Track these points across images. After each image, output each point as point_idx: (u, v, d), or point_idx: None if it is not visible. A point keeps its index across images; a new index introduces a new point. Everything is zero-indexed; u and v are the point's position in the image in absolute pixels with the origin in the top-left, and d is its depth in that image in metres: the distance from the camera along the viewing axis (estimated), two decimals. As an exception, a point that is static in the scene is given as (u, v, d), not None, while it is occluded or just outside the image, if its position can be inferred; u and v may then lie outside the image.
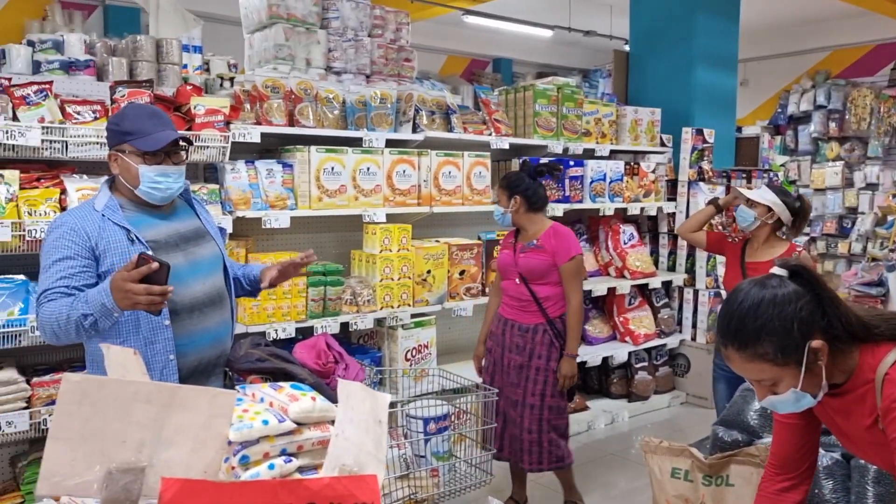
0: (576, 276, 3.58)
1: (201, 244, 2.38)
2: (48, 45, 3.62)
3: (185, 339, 2.29)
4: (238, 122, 3.69)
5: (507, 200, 3.64)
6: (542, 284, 3.60)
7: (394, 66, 4.73)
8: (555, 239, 3.57)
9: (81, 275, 2.17)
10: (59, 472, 1.23)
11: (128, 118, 2.29)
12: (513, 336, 3.65)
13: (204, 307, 2.34)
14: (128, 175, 2.28)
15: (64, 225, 2.23)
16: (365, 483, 1.01)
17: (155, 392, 1.29)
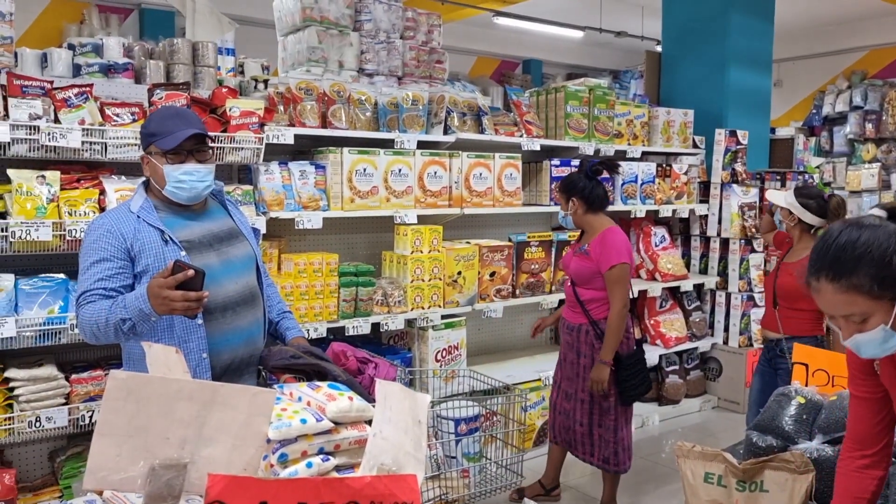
0: (617, 283, 3.54)
1: (234, 244, 2.40)
2: (88, 48, 3.70)
3: (219, 338, 2.32)
4: (272, 123, 3.73)
5: (565, 203, 3.67)
6: (587, 289, 3.63)
7: (425, 68, 4.75)
8: (601, 246, 3.55)
9: (118, 276, 2.22)
10: (104, 467, 1.26)
11: (153, 120, 2.33)
12: (564, 333, 3.75)
13: (237, 306, 2.37)
14: (156, 176, 2.31)
15: (101, 227, 2.28)
16: (405, 483, 1.02)
17: (197, 390, 1.32)
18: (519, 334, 5.23)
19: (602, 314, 3.59)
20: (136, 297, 2.07)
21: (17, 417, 3.02)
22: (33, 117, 3.06)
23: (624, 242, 3.58)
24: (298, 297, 3.65)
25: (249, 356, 2.45)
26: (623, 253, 3.54)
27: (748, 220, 5.64)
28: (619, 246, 3.54)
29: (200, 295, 2.01)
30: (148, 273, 2.23)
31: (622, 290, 3.55)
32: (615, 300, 3.53)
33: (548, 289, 4.76)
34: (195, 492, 1.33)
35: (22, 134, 3.01)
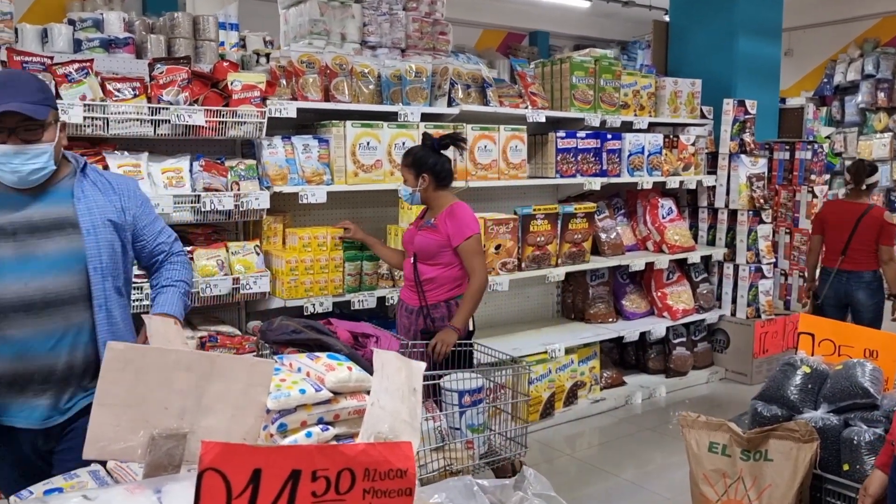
0: (476, 254, 3.41)
1: (53, 237, 2.01)
2: (88, 23, 3.68)
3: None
4: (274, 97, 3.71)
5: (414, 179, 3.44)
6: (430, 265, 3.44)
7: (429, 40, 4.70)
8: (449, 219, 3.39)
9: None
10: (104, 437, 1.27)
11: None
12: (402, 316, 3.56)
13: (15, 311, 1.95)
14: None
15: None
16: (399, 450, 1.02)
17: (195, 361, 1.32)
18: (525, 307, 5.23)
19: (435, 298, 3.43)
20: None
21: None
22: (34, 93, 3.04)
23: (473, 215, 3.49)
24: (303, 272, 3.66)
25: (31, 374, 1.98)
26: (474, 224, 3.46)
27: (756, 190, 5.58)
28: (468, 219, 3.44)
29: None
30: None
31: (482, 260, 3.47)
32: (477, 270, 3.41)
33: (554, 262, 4.74)
34: (195, 461, 1.34)
35: (23, 110, 2.99)
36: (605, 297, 5.33)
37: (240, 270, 3.52)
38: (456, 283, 3.46)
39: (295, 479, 0.97)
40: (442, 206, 3.44)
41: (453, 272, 3.45)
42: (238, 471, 0.94)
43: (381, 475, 1.02)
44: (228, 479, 0.94)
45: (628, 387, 5.22)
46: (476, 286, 3.40)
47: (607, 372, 5.18)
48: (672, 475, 3.95)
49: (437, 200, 3.47)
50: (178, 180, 3.40)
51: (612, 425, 4.76)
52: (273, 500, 0.96)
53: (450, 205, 3.44)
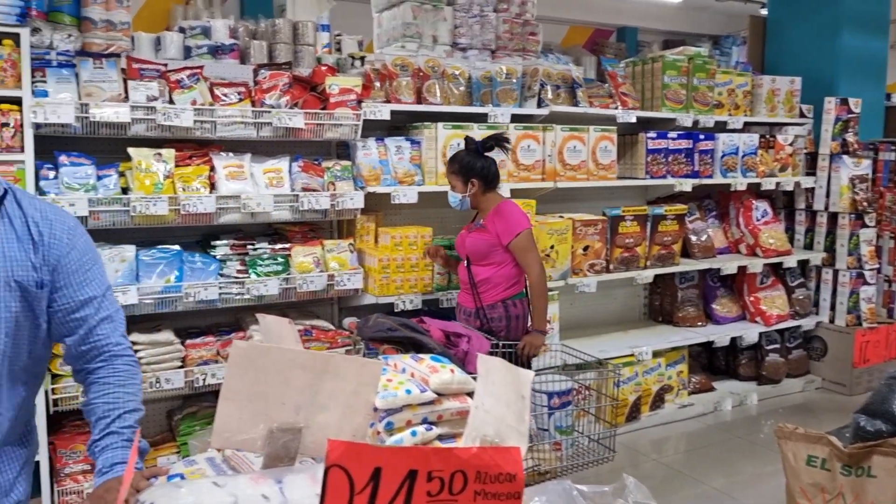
0: (529, 249, 3.42)
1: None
2: (197, 31, 3.88)
3: None
4: (369, 100, 3.82)
5: (463, 185, 3.43)
6: (484, 265, 3.45)
7: (519, 41, 4.72)
8: (497, 218, 3.41)
9: None
10: (228, 429, 1.36)
11: None
12: (462, 319, 3.56)
13: None
14: None
15: None
16: (509, 455, 1.06)
17: (310, 360, 1.40)
18: (612, 309, 5.18)
19: (491, 298, 3.44)
20: None
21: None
22: (150, 98, 3.25)
23: (521, 211, 3.48)
24: (394, 270, 3.75)
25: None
26: (523, 220, 3.44)
27: (859, 192, 5.35)
28: (517, 215, 3.43)
29: None
30: None
31: (535, 254, 3.46)
32: (532, 265, 3.41)
33: (642, 264, 4.69)
34: (309, 454, 1.43)
35: (140, 114, 3.20)
36: (694, 300, 5.22)
37: (334, 267, 3.64)
38: (510, 281, 3.48)
39: (412, 478, 1.03)
40: (490, 207, 3.46)
41: (506, 271, 3.46)
42: (360, 468, 1.00)
43: (492, 478, 1.07)
44: (352, 476, 1.00)
45: (717, 393, 5.10)
46: (535, 282, 3.43)
47: (695, 377, 5.08)
48: (764, 486, 3.85)
49: (485, 203, 3.48)
50: (278, 180, 3.55)
51: (700, 431, 4.67)
52: (391, 497, 1.02)
53: (496, 204, 3.46)
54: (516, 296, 3.48)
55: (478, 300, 3.46)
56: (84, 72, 3.19)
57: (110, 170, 3.26)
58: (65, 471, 3.17)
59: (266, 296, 3.46)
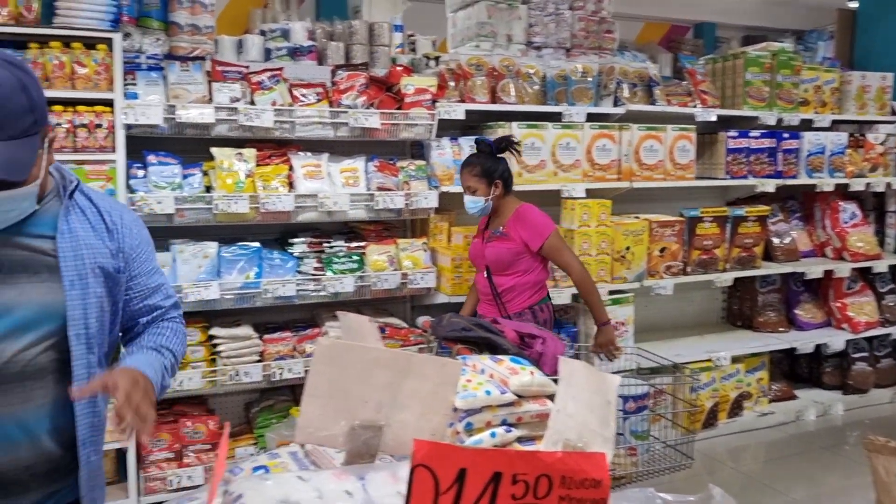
0: (563, 249, 3.32)
1: (20, 284, 1.46)
2: (277, 33, 3.96)
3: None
4: (443, 100, 3.83)
5: (486, 188, 3.24)
6: (507, 275, 3.29)
7: (594, 39, 4.65)
8: (520, 224, 3.26)
9: None
10: (311, 424, 1.38)
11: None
12: None
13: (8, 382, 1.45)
14: None
15: None
16: (595, 460, 1.05)
17: (392, 359, 1.41)
18: (689, 313, 5.06)
19: (518, 307, 3.28)
20: None
21: (220, 371, 3.37)
22: (233, 100, 3.35)
23: (542, 213, 3.34)
24: (467, 269, 3.75)
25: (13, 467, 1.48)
26: (548, 221, 3.31)
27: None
28: (540, 218, 3.30)
29: None
30: None
31: (571, 252, 3.37)
32: (572, 264, 3.30)
33: (721, 266, 4.55)
34: (389, 452, 1.44)
35: (223, 115, 3.30)
36: (775, 304, 5.04)
37: (408, 266, 3.67)
38: (536, 287, 3.36)
39: (497, 480, 1.02)
40: (508, 212, 3.31)
41: (532, 277, 3.33)
42: (446, 469, 1.00)
43: (577, 483, 1.05)
44: (437, 476, 1.00)
45: (800, 401, 4.91)
46: (580, 279, 3.32)
47: (776, 384, 4.90)
48: (849, 500, 3.69)
49: (504, 207, 3.33)
50: (354, 180, 3.60)
51: (780, 441, 4.51)
52: (476, 498, 1.02)
53: (515, 210, 3.32)
54: (542, 301, 3.38)
55: (503, 310, 3.29)
56: (171, 74, 3.31)
57: (195, 169, 3.37)
58: (150, 458, 3.30)
59: (341, 293, 3.52)
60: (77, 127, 3.09)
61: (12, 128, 1.35)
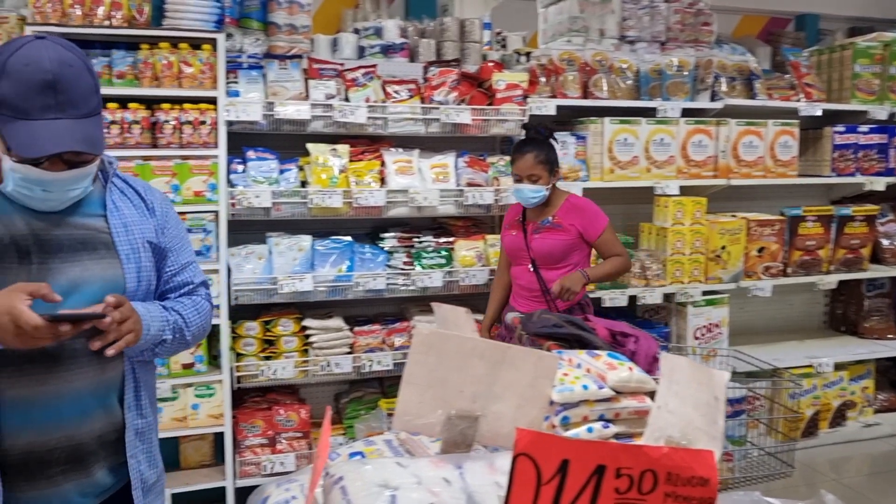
0: (616, 241, 3.21)
1: (83, 261, 1.53)
2: (370, 31, 4.03)
3: (16, 405, 1.49)
4: (534, 95, 3.80)
5: (549, 176, 3.10)
6: (557, 268, 3.14)
7: (691, 32, 4.51)
8: (577, 214, 3.14)
9: None
10: (409, 413, 1.40)
11: (8, 76, 1.41)
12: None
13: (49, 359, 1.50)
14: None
15: None
16: (702, 457, 1.01)
17: (489, 350, 1.41)
18: (788, 316, 4.84)
19: (565, 304, 3.08)
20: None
21: (312, 361, 3.45)
22: (328, 97, 3.43)
23: (594, 203, 3.25)
24: (556, 267, 3.71)
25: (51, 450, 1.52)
26: (602, 212, 3.21)
27: None
28: (595, 207, 3.20)
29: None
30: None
31: (620, 244, 3.24)
32: (624, 252, 3.19)
33: (825, 268, 4.34)
34: (484, 442, 1.44)
35: (319, 112, 3.38)
36: (883, 309, 4.76)
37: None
38: None
39: (600, 473, 1.00)
40: (557, 202, 3.19)
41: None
42: (548, 459, 0.99)
43: (683, 481, 1.02)
44: (539, 466, 0.99)
45: (909, 413, 4.63)
46: (625, 265, 3.21)
47: (883, 394, 4.63)
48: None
49: (552, 197, 3.19)
50: (444, 175, 3.62)
51: (888, 454, 4.26)
52: (578, 490, 1.00)
53: (565, 199, 3.21)
54: (587, 294, 3.29)
55: (552, 306, 3.11)
56: (270, 73, 3.42)
57: (291, 164, 3.47)
58: (245, 443, 3.42)
59: (430, 287, 3.55)
60: (183, 124, 3.23)
61: (86, 105, 1.45)
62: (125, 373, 1.60)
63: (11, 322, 1.32)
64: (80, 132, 1.42)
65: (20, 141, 1.39)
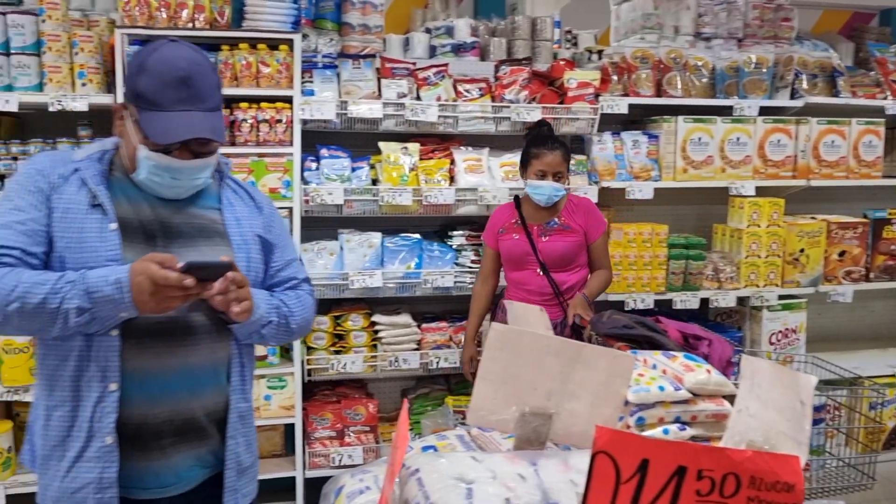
0: (608, 249, 3.19)
1: (200, 247, 1.66)
2: (442, 30, 4.06)
3: (136, 376, 1.59)
4: (606, 94, 3.76)
5: (567, 174, 3.08)
6: (567, 271, 3.09)
7: (770, 27, 4.37)
8: (583, 213, 3.11)
9: (38, 237, 1.56)
10: (483, 408, 1.41)
11: (147, 73, 1.56)
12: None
13: (170, 335, 1.61)
14: (127, 148, 1.64)
15: (35, 165, 1.63)
16: (788, 463, 0.99)
17: (563, 347, 1.41)
18: (870, 323, 4.65)
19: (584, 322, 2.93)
20: (109, 282, 1.47)
21: (380, 356, 3.50)
22: (400, 95, 3.47)
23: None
24: (626, 267, 3.66)
25: (168, 422, 1.63)
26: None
27: None
28: (598, 210, 3.18)
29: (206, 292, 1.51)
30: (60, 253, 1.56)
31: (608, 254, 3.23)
32: (609, 262, 3.19)
33: (910, 273, 4.15)
34: (557, 440, 1.43)
35: (391, 110, 3.43)
36: (975, 319, 4.52)
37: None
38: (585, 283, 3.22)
39: (681, 474, 0.99)
40: (561, 203, 3.14)
41: (586, 272, 3.19)
42: (628, 458, 0.98)
43: (768, 486, 1.00)
44: (618, 465, 0.98)
45: None
46: (609, 280, 3.17)
47: (973, 407, 4.39)
48: None
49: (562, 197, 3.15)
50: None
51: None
52: (659, 490, 0.99)
53: (567, 199, 3.17)
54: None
55: (564, 308, 3.04)
56: (344, 72, 3.48)
57: (363, 162, 3.52)
58: (314, 435, 3.50)
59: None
60: (260, 122, 3.32)
61: (212, 100, 1.60)
62: (232, 355, 1.70)
63: (148, 279, 1.44)
64: (207, 123, 1.57)
65: (156, 129, 1.54)
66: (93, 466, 1.55)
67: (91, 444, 1.56)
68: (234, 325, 1.64)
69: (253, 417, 1.82)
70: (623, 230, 3.68)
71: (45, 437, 1.60)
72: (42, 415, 1.61)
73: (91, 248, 1.55)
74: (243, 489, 1.75)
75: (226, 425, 1.69)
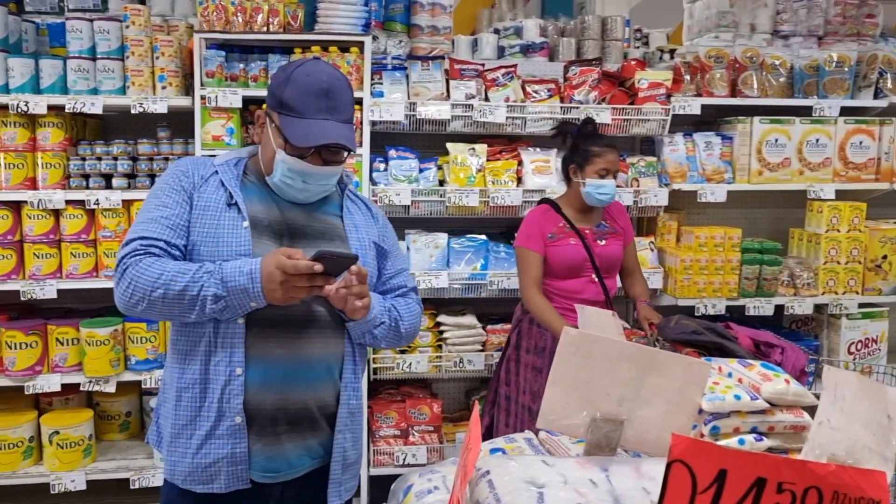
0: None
1: (320, 247, 1.74)
2: (510, 31, 4.05)
3: (260, 363, 1.72)
4: (678, 94, 3.68)
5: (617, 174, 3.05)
6: (611, 278, 3.04)
7: (852, 24, 4.21)
8: (620, 216, 3.09)
9: (181, 230, 1.72)
10: (554, 412, 1.40)
11: (293, 84, 1.72)
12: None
13: (291, 326, 1.74)
14: (265, 152, 1.80)
15: (182, 166, 1.82)
16: (874, 478, 0.95)
17: (637, 353, 1.39)
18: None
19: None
20: (243, 272, 1.61)
21: (445, 357, 3.52)
22: (468, 97, 3.48)
23: None
24: (697, 272, 3.58)
25: (284, 409, 1.74)
26: None
27: None
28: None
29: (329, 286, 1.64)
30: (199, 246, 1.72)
31: None
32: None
33: None
34: (628, 447, 1.42)
35: (459, 112, 3.44)
36: None
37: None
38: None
39: (760, 486, 0.96)
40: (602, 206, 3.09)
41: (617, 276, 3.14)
42: (705, 467, 0.96)
43: (852, 501, 0.97)
44: (695, 474, 0.97)
45: None
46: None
47: None
48: None
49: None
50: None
51: None
52: (736, 502, 0.97)
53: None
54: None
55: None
56: (413, 73, 3.51)
57: (430, 163, 3.55)
58: (379, 433, 3.54)
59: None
60: (331, 123, 3.38)
61: (347, 112, 1.76)
62: (345, 353, 1.81)
63: (279, 269, 1.56)
64: (342, 132, 1.72)
65: (297, 134, 1.70)
66: (224, 443, 1.68)
67: (221, 423, 1.69)
68: (350, 323, 1.76)
69: (362, 415, 1.90)
70: (694, 234, 3.60)
71: (175, 417, 1.73)
72: (173, 396, 1.74)
73: (225, 243, 1.70)
74: (347, 483, 1.84)
75: (335, 419, 1.78)
